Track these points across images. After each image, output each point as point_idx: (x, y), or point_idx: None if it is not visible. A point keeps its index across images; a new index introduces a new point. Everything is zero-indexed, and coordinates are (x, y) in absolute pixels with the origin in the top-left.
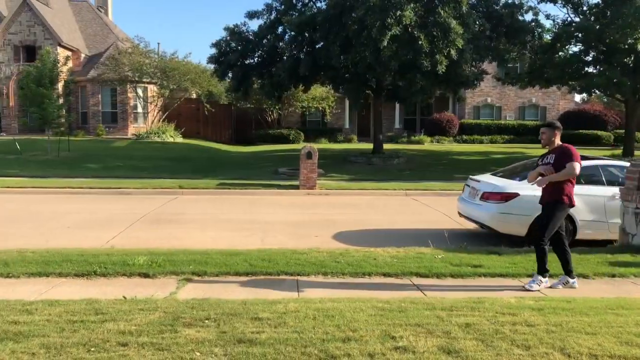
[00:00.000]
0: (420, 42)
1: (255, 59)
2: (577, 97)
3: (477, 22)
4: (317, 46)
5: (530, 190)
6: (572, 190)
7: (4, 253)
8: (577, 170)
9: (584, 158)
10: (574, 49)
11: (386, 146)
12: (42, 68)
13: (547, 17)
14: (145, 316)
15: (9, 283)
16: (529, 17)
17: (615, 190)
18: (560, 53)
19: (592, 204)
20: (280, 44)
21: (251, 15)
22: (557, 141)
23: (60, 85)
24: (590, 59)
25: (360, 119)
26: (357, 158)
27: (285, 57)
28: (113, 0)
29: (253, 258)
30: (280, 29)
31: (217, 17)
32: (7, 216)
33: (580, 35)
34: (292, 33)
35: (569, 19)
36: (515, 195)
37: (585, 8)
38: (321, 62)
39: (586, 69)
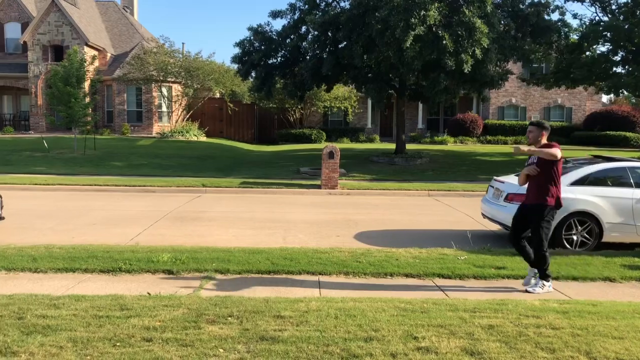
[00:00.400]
0: (444, 42)
1: (278, 59)
2: (605, 98)
3: (502, 22)
4: (340, 46)
5: None
6: (557, 191)
7: (32, 249)
8: (559, 154)
9: (610, 160)
10: (602, 48)
11: (409, 146)
12: (69, 67)
13: (574, 16)
14: (170, 312)
15: (37, 278)
16: (555, 16)
17: None
18: (587, 53)
19: (619, 206)
20: (304, 43)
21: (275, 14)
22: (543, 141)
23: (86, 85)
24: (619, 58)
25: (383, 119)
26: (379, 158)
27: (308, 57)
28: (139, 1)
29: (275, 256)
30: (303, 29)
31: (241, 17)
32: (35, 212)
33: (608, 34)
34: (316, 32)
35: (597, 18)
36: None
37: (614, 7)
38: (344, 62)
39: (614, 69)
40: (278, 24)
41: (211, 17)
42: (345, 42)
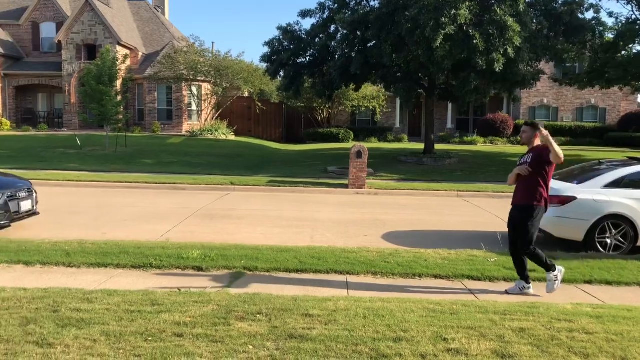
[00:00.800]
0: (475, 41)
1: (307, 58)
2: None
3: (535, 21)
4: (369, 45)
5: (588, 194)
6: (545, 193)
7: (65, 244)
8: (558, 150)
9: None
10: (639, 47)
11: (438, 146)
12: (102, 66)
13: (610, 15)
14: (199, 308)
15: (71, 272)
16: (589, 15)
17: None
18: (623, 52)
19: None
20: (332, 42)
21: (304, 14)
22: (537, 142)
23: (118, 83)
24: None
25: (412, 119)
26: (407, 158)
27: (336, 56)
28: (170, 0)
29: (303, 255)
30: (332, 28)
31: (271, 17)
32: (68, 208)
33: None
34: (345, 32)
35: (634, 16)
36: (573, 198)
37: None
38: (373, 61)
39: None
40: (307, 24)
41: (241, 17)
42: (374, 41)
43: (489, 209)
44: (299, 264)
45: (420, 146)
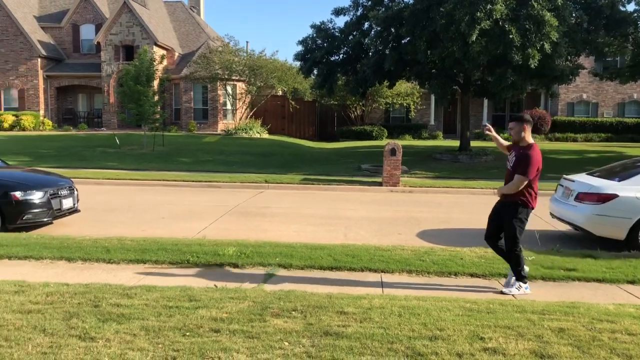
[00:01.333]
0: (511, 36)
1: (341, 56)
2: None
3: (574, 14)
4: (403, 41)
5: (630, 192)
6: (530, 191)
7: (105, 240)
8: (522, 186)
9: None
10: None
11: (473, 143)
12: (139, 66)
13: None
14: (236, 305)
15: (111, 268)
16: (631, 7)
17: None
18: None
19: None
20: (366, 40)
21: (337, 12)
22: (528, 138)
23: (155, 83)
24: None
25: (446, 115)
26: (442, 155)
27: (370, 53)
28: (205, 0)
29: (337, 253)
30: (366, 25)
31: (305, 15)
32: (107, 206)
33: None
34: (378, 28)
35: None
36: (614, 196)
37: None
38: (407, 58)
39: None
40: (341, 21)
41: (275, 16)
42: (408, 38)
43: None
44: (333, 261)
45: (456, 143)
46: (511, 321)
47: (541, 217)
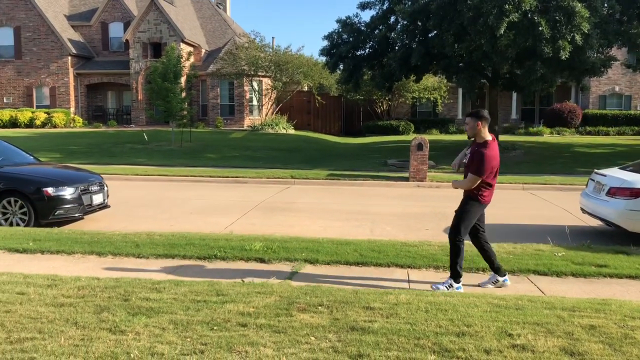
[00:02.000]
0: (540, 28)
1: (367, 50)
2: None
3: (606, 5)
4: (429, 35)
5: None
6: (485, 186)
7: (135, 235)
8: (474, 186)
9: None
10: None
11: (502, 137)
12: (167, 63)
13: None
14: (262, 299)
15: (140, 263)
16: None
17: None
18: None
19: None
20: (392, 34)
21: (363, 6)
22: (484, 133)
23: (183, 80)
24: None
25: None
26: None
27: (396, 47)
28: None
29: (363, 248)
30: (392, 19)
31: (330, 10)
32: (136, 201)
33: None
34: (405, 22)
35: None
36: None
37: None
38: (434, 51)
39: None
40: (366, 16)
41: (300, 11)
42: (435, 31)
43: (556, 202)
44: (360, 257)
45: None
46: (540, 318)
47: (571, 212)
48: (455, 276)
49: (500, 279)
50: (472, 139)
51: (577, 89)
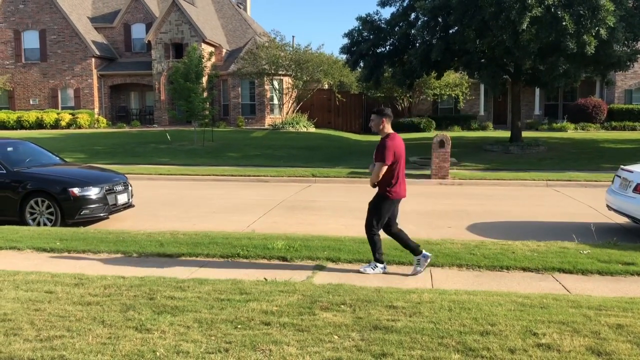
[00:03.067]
0: (564, 23)
1: (387, 47)
2: None
3: None
4: (450, 31)
5: None
6: (392, 182)
7: (159, 234)
8: (382, 174)
9: None
10: None
11: (525, 134)
12: (189, 64)
13: None
14: (285, 298)
15: (164, 261)
16: None
17: None
18: None
19: None
20: (412, 30)
21: (383, 3)
22: (387, 129)
23: (204, 80)
24: None
25: (496, 106)
26: (492, 147)
27: (417, 44)
28: None
29: (385, 247)
30: (412, 16)
31: (350, 8)
32: (160, 200)
33: None
34: (425, 18)
35: None
36: None
37: None
38: (455, 47)
39: None
40: (386, 13)
41: (320, 9)
42: (456, 27)
43: (581, 199)
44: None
45: (506, 134)
46: (566, 317)
47: (596, 209)
48: (378, 261)
49: (417, 256)
50: (377, 134)
51: (602, 83)
